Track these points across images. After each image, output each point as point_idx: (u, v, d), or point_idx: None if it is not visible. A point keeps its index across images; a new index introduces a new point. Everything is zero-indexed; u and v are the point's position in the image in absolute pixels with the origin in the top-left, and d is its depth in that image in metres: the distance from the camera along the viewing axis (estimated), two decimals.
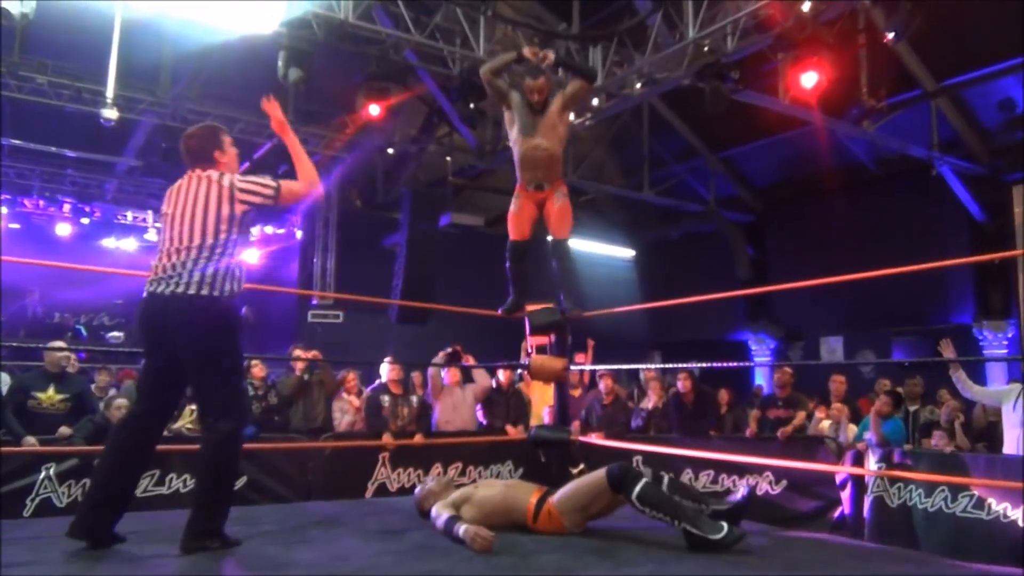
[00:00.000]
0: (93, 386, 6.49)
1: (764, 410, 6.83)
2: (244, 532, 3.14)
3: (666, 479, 3.21)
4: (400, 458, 5.87)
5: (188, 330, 2.83)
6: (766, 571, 2.93)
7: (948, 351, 5.76)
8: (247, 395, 2.80)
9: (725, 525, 3.00)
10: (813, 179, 12.14)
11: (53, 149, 9.92)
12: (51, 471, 4.70)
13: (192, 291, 2.85)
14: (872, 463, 6.00)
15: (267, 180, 3.05)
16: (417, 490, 3.55)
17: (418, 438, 5.94)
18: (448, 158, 11.26)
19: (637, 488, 3.03)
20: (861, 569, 3.10)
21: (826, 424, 6.69)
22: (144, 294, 2.95)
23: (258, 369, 5.96)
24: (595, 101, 9.30)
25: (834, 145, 11.21)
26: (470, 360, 6.34)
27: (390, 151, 11.15)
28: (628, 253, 14.33)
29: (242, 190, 2.96)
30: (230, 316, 2.92)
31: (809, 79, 7.50)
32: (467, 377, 6.72)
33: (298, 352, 6.46)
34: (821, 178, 11.93)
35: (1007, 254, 7.57)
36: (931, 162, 10.32)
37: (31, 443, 4.74)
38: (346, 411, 6.28)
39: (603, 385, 7.10)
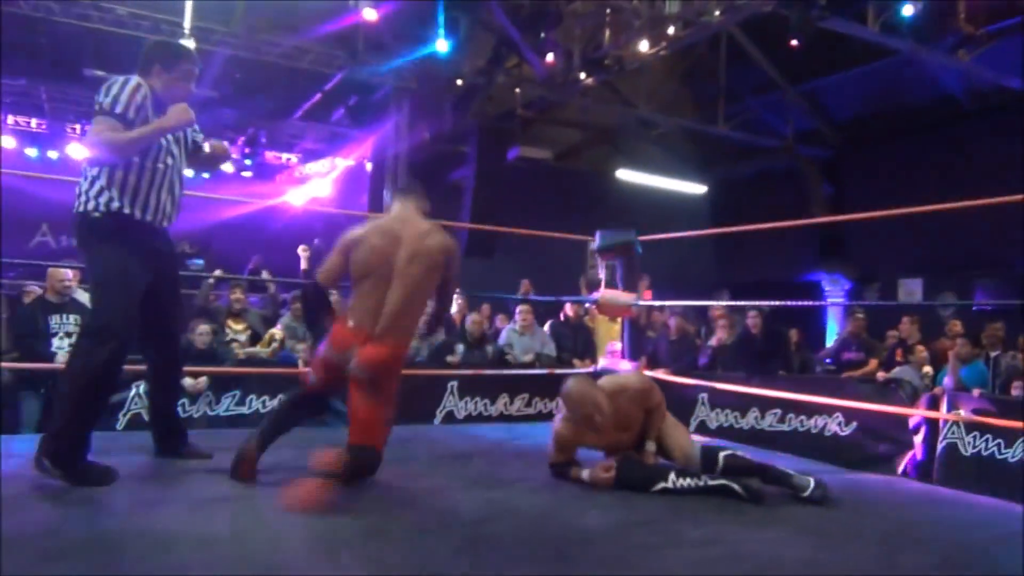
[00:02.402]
0: None
1: (838, 353, 6.68)
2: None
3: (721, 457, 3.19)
4: (467, 388, 5.94)
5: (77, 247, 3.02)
6: (834, 512, 2.96)
7: None
8: (123, 313, 2.82)
9: (811, 480, 3.05)
10: (898, 114, 11.54)
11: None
12: (140, 389, 4.97)
13: (75, 209, 2.96)
14: (946, 407, 5.83)
15: (116, 112, 2.87)
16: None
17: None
18: (517, 90, 11.09)
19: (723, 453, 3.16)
20: (932, 513, 3.08)
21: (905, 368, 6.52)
22: None
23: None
24: (671, 30, 8.96)
25: (924, 77, 10.60)
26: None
27: (459, 83, 11.04)
28: (700, 189, 13.98)
29: (97, 111, 2.88)
30: (95, 231, 2.90)
31: (907, 7, 7.05)
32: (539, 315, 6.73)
33: None
34: (907, 113, 11.33)
35: None
36: None
37: None
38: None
39: (671, 322, 7.05)
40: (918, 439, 6.00)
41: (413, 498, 2.93)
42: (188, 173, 3.31)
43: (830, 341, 9.41)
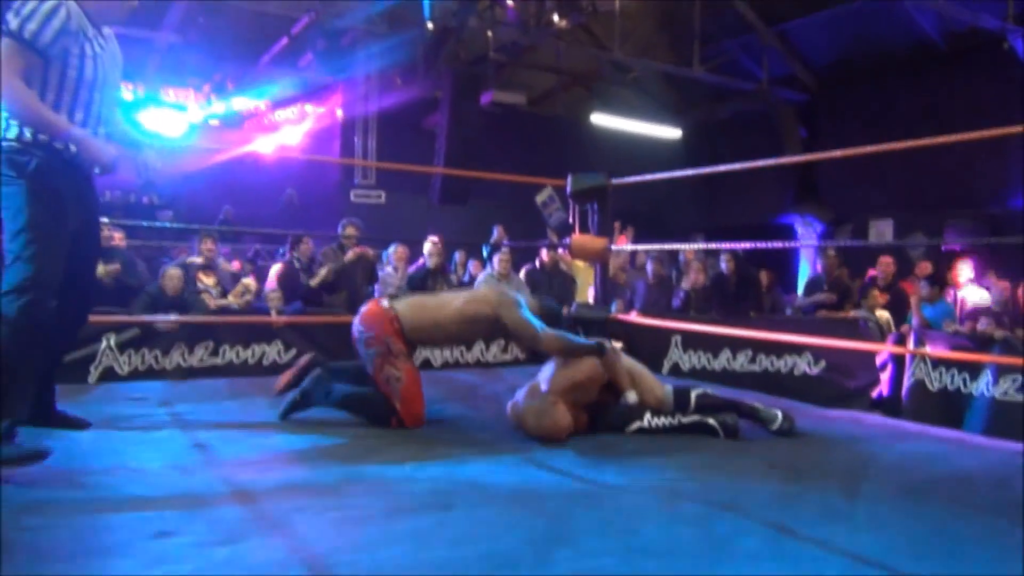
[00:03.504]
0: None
1: (809, 294, 6.77)
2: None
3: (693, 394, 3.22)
4: None
5: None
6: (803, 447, 3.01)
7: None
8: (37, 264, 2.49)
9: (779, 413, 3.11)
10: (874, 56, 11.45)
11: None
12: (111, 341, 4.91)
13: None
14: (912, 345, 5.94)
15: (24, 37, 2.50)
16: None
17: None
18: (489, 33, 10.85)
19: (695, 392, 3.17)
20: (898, 446, 3.14)
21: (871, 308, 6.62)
22: None
23: (305, 246, 6.06)
24: None
25: (900, 18, 10.50)
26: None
27: (429, 26, 10.77)
28: (675, 133, 13.88)
29: (5, 32, 2.51)
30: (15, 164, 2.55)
31: None
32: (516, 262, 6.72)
33: (350, 230, 6.36)
34: (882, 55, 11.23)
35: None
36: (1004, 35, 9.65)
37: None
38: (389, 284, 6.26)
39: (649, 266, 7.07)
40: (884, 376, 6.14)
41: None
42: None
43: (802, 283, 9.48)
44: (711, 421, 3.00)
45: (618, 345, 5.57)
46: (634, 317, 5.90)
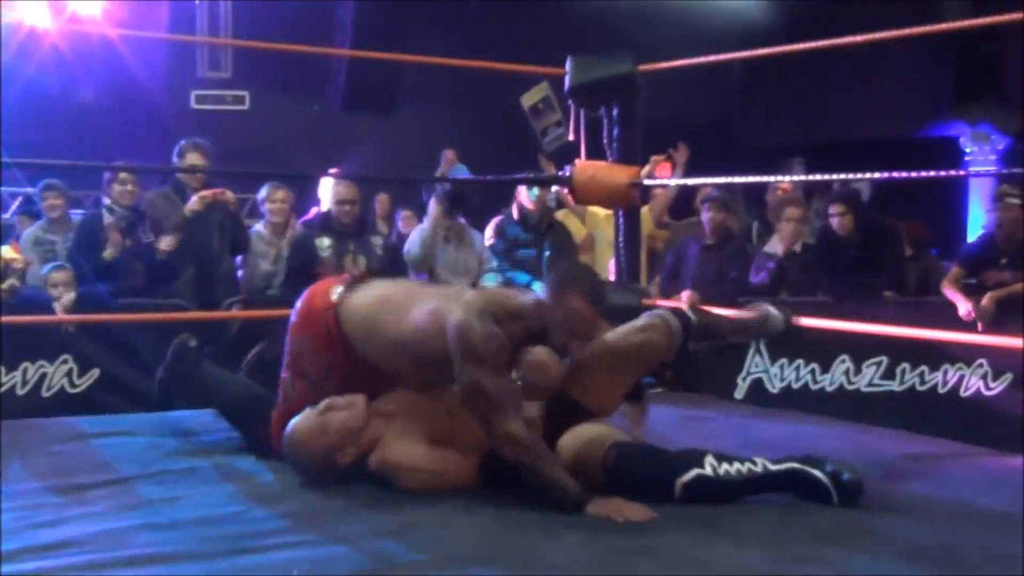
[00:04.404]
0: None
1: (974, 269, 4.98)
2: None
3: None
4: None
5: None
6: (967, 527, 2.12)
7: None
8: None
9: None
10: None
11: None
12: None
13: None
14: None
15: None
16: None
17: None
18: None
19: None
20: None
21: None
22: None
23: (120, 189, 4.09)
24: None
25: None
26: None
27: None
28: None
29: None
30: None
31: None
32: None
33: (193, 157, 4.26)
34: None
35: None
36: None
37: None
38: (265, 255, 4.45)
39: (706, 215, 5.30)
40: None
41: None
42: None
43: (973, 237, 7.22)
44: (817, 473, 2.30)
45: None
46: (685, 302, 4.53)
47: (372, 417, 2.40)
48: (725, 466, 2.34)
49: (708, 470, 2.31)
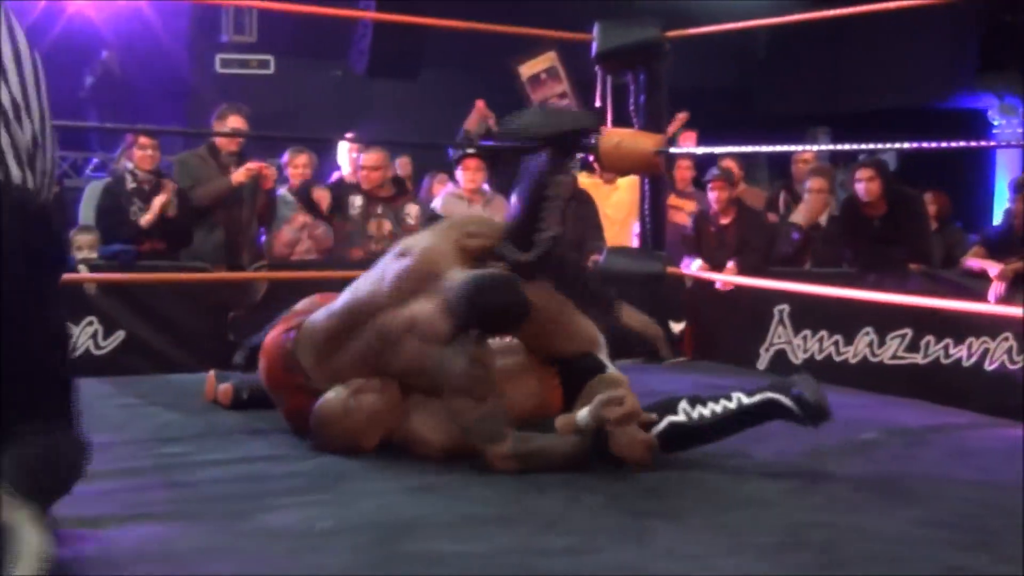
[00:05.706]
0: None
1: (997, 252, 4.74)
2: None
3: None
4: None
5: None
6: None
7: None
8: None
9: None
10: None
11: None
12: None
13: None
14: None
15: None
16: None
17: None
18: None
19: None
20: None
21: None
22: None
23: (141, 154, 4.00)
24: None
25: None
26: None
27: None
28: None
29: None
30: None
31: None
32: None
33: (234, 121, 4.26)
34: None
35: None
36: None
37: None
38: (290, 221, 4.38)
39: (711, 195, 5.25)
40: None
41: None
42: None
43: (999, 212, 6.93)
44: (786, 401, 2.27)
45: (678, 327, 4.39)
46: (709, 273, 4.60)
47: (402, 402, 2.38)
48: (699, 409, 2.32)
49: (681, 416, 2.31)
